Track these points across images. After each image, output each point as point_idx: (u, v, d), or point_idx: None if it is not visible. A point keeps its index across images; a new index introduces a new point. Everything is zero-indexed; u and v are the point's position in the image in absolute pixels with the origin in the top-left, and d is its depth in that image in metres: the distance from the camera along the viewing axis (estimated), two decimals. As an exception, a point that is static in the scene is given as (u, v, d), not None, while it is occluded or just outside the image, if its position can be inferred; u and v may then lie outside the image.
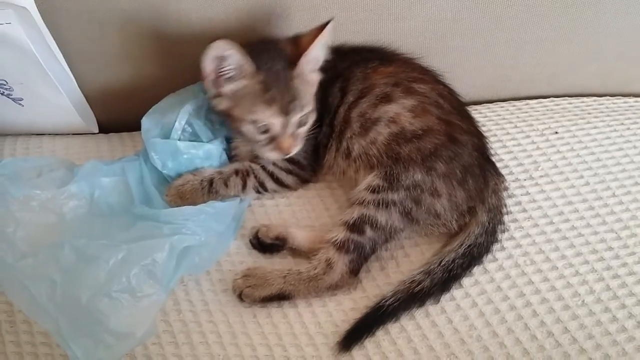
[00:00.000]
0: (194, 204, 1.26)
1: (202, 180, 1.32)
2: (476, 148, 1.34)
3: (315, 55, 1.27)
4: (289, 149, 1.28)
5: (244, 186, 1.35)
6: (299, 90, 1.26)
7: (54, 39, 1.35)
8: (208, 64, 1.22)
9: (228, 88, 1.25)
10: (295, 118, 1.27)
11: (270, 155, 1.30)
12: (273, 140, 1.28)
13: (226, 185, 1.33)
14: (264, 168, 1.38)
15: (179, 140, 1.34)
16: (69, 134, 1.57)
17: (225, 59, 1.20)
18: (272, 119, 1.24)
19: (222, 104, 1.28)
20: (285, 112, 1.25)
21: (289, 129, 1.27)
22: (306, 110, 1.28)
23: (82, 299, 1.05)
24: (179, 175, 1.33)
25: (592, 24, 1.56)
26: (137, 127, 1.36)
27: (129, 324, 1.07)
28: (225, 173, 1.34)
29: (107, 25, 1.38)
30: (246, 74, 1.23)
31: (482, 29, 1.53)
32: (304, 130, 1.31)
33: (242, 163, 1.37)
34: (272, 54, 1.27)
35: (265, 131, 1.27)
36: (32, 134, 1.55)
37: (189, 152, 1.33)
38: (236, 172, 1.35)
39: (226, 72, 1.23)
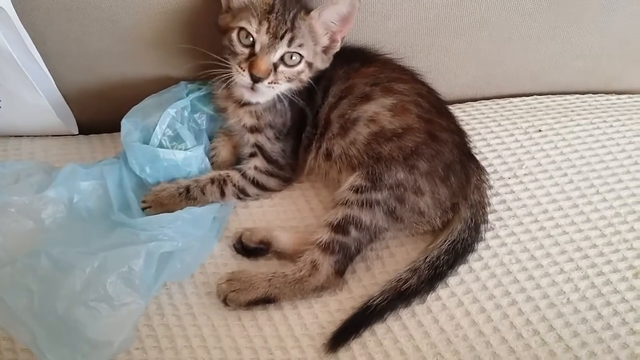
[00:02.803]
0: (173, 210, 1.25)
1: (178, 187, 1.31)
2: (457, 145, 1.34)
3: (328, 16, 1.27)
4: (262, 71, 1.21)
5: (223, 194, 1.34)
6: (300, 30, 1.25)
7: (32, 38, 1.32)
8: None
9: (239, 1, 1.26)
10: (283, 47, 1.23)
11: (242, 77, 1.23)
12: (251, 57, 1.23)
13: (203, 192, 1.32)
14: (244, 175, 1.37)
15: (159, 144, 1.33)
16: (48, 136, 1.54)
17: None
18: (258, 34, 1.22)
19: (224, 20, 1.27)
20: (275, 34, 1.22)
21: (271, 54, 1.23)
22: (299, 50, 1.25)
23: (58, 308, 1.04)
24: (157, 183, 1.32)
25: (576, 21, 1.57)
26: (117, 128, 1.33)
27: (106, 333, 1.06)
28: (201, 181, 1.33)
29: (86, 24, 1.35)
30: None
31: (465, 26, 1.52)
32: (289, 72, 1.26)
33: (218, 172, 1.37)
34: (292, 1, 1.26)
35: (248, 46, 1.24)
36: (11, 136, 1.52)
37: (167, 158, 1.32)
38: (212, 181, 1.34)
39: None
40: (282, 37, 1.22)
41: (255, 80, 1.23)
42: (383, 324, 1.17)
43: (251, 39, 1.23)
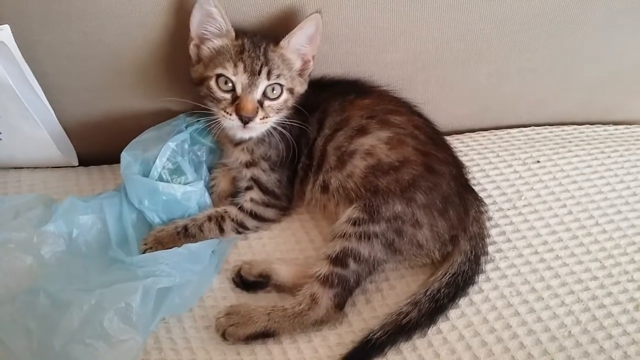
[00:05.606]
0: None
1: (176, 227, 1.31)
2: (454, 177, 1.34)
3: (297, 41, 1.29)
4: (250, 111, 1.24)
5: (221, 230, 1.34)
6: (274, 61, 1.27)
7: (33, 72, 1.33)
8: (194, 17, 1.25)
9: (207, 46, 1.28)
10: (263, 82, 1.25)
11: (231, 121, 1.26)
12: (235, 100, 1.25)
13: (201, 230, 1.32)
14: (241, 208, 1.37)
15: (159, 177, 1.33)
16: (48, 167, 1.54)
17: (209, 16, 1.25)
18: (237, 76, 1.24)
19: (197, 71, 1.30)
20: (252, 71, 1.24)
21: (254, 92, 1.25)
22: (278, 81, 1.27)
23: (56, 346, 1.03)
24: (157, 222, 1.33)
25: (572, 54, 1.59)
26: (117, 160, 1.34)
27: (104, 371, 1.05)
28: (198, 220, 1.33)
29: (87, 58, 1.37)
30: (225, 35, 1.26)
31: (463, 60, 1.54)
32: (276, 104, 1.29)
33: (215, 209, 1.37)
34: (257, 35, 1.30)
35: (229, 91, 1.26)
36: (11, 168, 1.52)
37: (166, 192, 1.32)
38: (209, 218, 1.34)
39: (208, 31, 1.27)
40: (259, 73, 1.25)
41: (246, 121, 1.25)
42: (383, 358, 1.15)
43: (230, 83, 1.25)
